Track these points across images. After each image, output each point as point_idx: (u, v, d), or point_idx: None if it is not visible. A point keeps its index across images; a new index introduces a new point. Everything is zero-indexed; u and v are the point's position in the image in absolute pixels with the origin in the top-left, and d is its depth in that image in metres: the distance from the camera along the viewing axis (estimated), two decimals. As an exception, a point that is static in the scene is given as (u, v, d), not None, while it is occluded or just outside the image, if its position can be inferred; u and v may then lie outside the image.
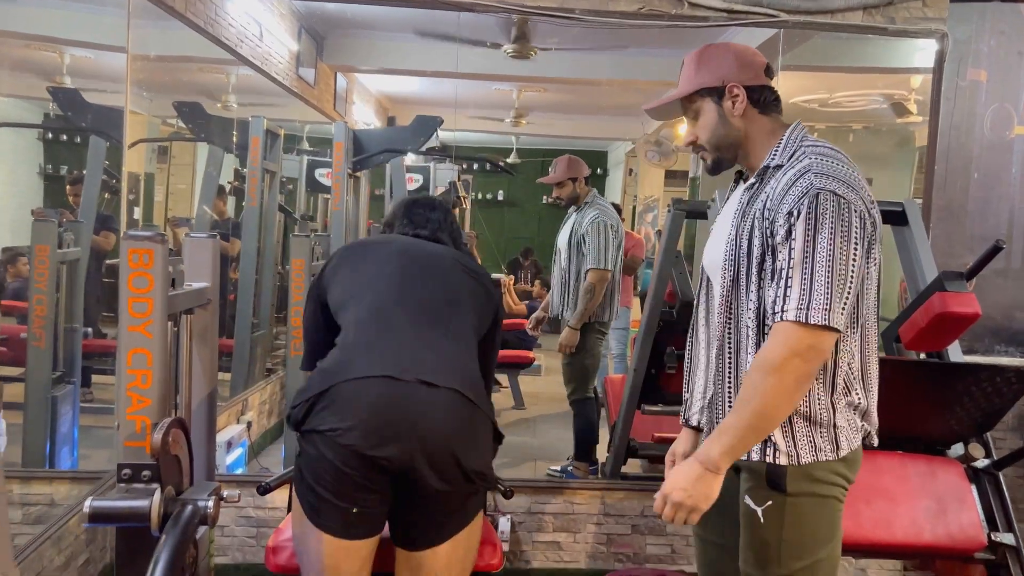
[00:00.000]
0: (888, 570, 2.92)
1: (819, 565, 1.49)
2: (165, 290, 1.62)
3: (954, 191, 2.89)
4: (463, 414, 1.64)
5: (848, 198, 1.41)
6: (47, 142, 3.85)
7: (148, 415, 1.60)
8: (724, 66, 1.55)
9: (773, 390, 1.39)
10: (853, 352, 1.50)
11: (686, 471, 1.44)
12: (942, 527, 1.96)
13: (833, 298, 1.38)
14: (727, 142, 1.56)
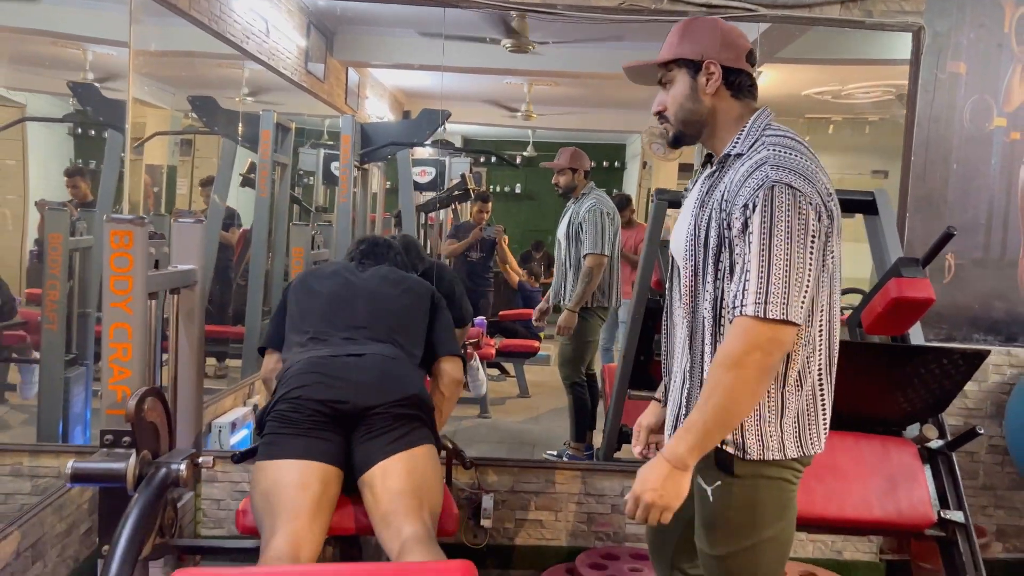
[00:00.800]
0: (864, 552, 2.98)
1: (766, 544, 1.52)
2: (145, 269, 1.74)
3: (933, 181, 2.93)
4: (388, 363, 2.00)
5: (804, 191, 1.40)
6: (76, 137, 4.02)
7: (128, 385, 1.73)
8: (707, 41, 1.53)
9: (735, 384, 1.40)
10: (813, 346, 1.49)
11: (656, 470, 1.44)
12: (892, 504, 2.02)
13: (791, 292, 1.38)
14: (693, 118, 1.55)
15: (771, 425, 1.48)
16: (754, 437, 1.48)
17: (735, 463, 1.49)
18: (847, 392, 2.09)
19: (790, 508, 1.56)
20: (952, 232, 2.11)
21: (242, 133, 4.53)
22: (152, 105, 4.66)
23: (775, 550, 1.55)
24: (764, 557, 1.54)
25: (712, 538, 1.55)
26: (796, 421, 1.50)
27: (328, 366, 1.95)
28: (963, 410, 2.98)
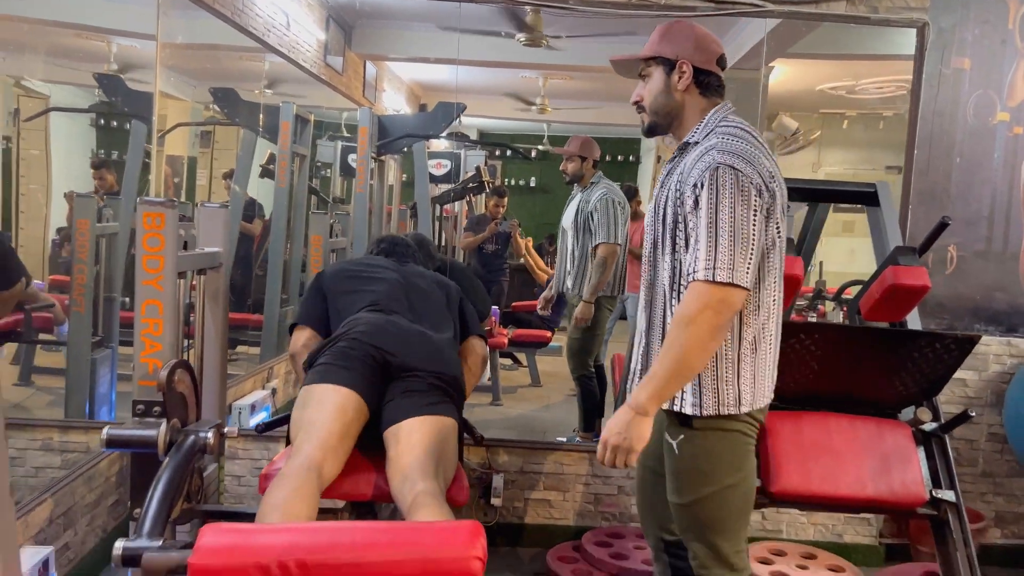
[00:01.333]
0: (864, 536, 3.05)
1: (727, 492, 1.70)
2: (175, 249, 1.85)
3: (937, 175, 3.00)
4: (440, 341, 2.21)
5: (745, 172, 1.58)
6: (99, 128, 4.13)
7: (159, 358, 1.84)
8: (682, 43, 1.72)
9: (689, 340, 1.57)
10: (768, 312, 1.68)
11: (620, 418, 1.62)
12: (885, 483, 2.10)
13: (736, 258, 1.55)
14: (665, 110, 1.74)
15: (728, 384, 1.67)
16: (711, 395, 1.66)
17: (694, 419, 1.68)
18: (844, 375, 2.17)
19: (748, 460, 1.73)
20: (947, 222, 2.18)
21: (262, 124, 4.63)
22: (173, 97, 4.77)
23: (736, 498, 1.72)
24: (725, 504, 1.71)
25: (678, 487, 1.73)
26: (752, 379, 1.68)
27: (390, 324, 2.18)
28: (963, 398, 3.04)
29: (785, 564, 2.78)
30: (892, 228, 2.54)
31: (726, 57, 1.78)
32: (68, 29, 3.85)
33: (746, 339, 1.67)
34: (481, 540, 1.45)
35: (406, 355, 2.11)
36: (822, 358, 2.10)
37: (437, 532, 1.48)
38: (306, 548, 1.42)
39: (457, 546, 1.42)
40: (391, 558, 1.42)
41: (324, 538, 1.46)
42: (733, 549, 1.74)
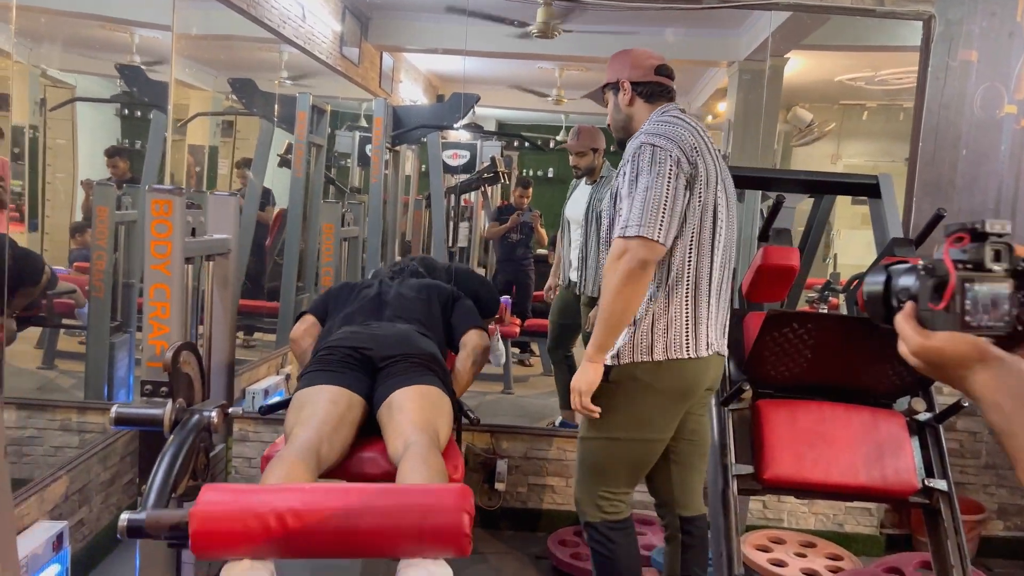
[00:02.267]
0: (865, 525, 3.08)
1: (617, 443, 1.96)
2: (183, 235, 1.91)
3: (943, 167, 3.00)
4: (407, 331, 2.32)
5: (663, 147, 1.83)
6: (123, 118, 4.22)
7: (167, 340, 1.90)
8: (621, 66, 2.03)
9: (609, 288, 1.82)
10: (679, 273, 1.90)
11: (579, 369, 1.91)
12: (877, 471, 2.12)
13: (646, 217, 1.78)
14: (620, 124, 2.05)
15: (642, 331, 1.90)
16: (627, 345, 1.90)
17: (610, 371, 1.91)
18: (838, 364, 2.20)
19: (648, 427, 1.96)
20: (942, 214, 2.19)
21: (277, 114, 4.70)
22: (195, 87, 4.86)
23: (624, 451, 1.97)
24: (614, 451, 1.97)
25: (582, 422, 2.03)
26: (664, 332, 1.90)
27: (358, 330, 2.32)
28: (967, 391, 3.05)
29: (784, 552, 2.81)
30: (893, 220, 2.55)
31: (666, 66, 2.05)
32: (93, 20, 3.93)
33: (659, 296, 1.89)
34: (470, 499, 1.57)
35: (380, 347, 2.21)
36: (815, 347, 2.12)
37: (428, 491, 1.58)
38: (302, 504, 1.52)
39: (447, 504, 1.53)
40: (385, 515, 1.53)
41: (320, 496, 1.56)
42: (605, 493, 2.00)
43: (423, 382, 2.13)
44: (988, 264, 0.80)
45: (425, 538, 1.52)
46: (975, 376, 0.79)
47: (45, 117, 4.08)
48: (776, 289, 2.33)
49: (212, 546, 1.49)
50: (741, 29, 4.91)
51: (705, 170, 1.88)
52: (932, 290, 0.82)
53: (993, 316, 0.80)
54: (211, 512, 1.49)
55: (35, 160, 3.94)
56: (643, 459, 2.01)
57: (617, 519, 2.03)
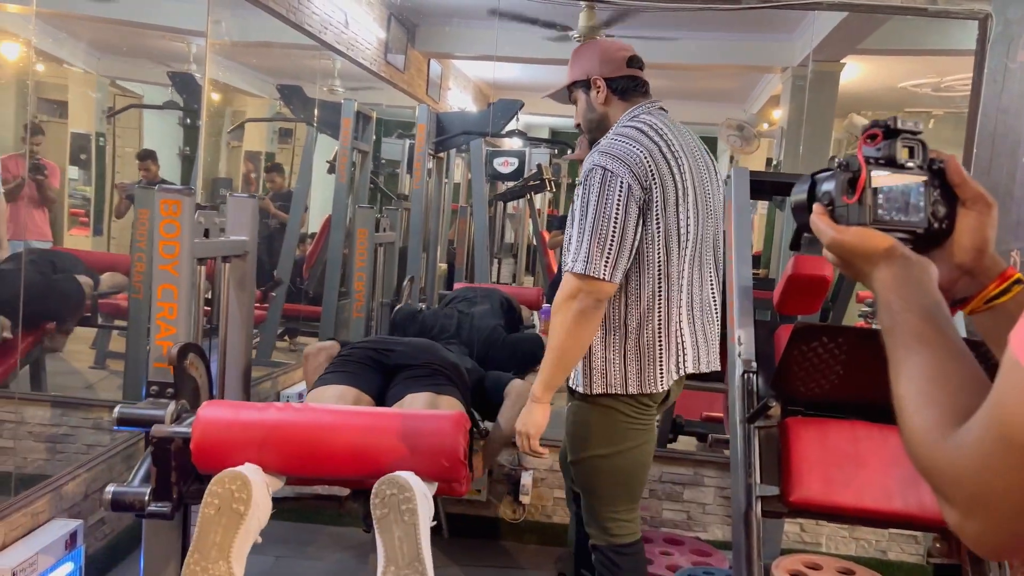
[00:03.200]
0: (910, 554, 2.91)
1: (599, 460, 1.88)
2: (191, 236, 1.90)
3: (1000, 175, 2.82)
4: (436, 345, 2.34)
5: (615, 171, 1.72)
6: (185, 127, 4.31)
7: (173, 341, 1.89)
8: (589, 62, 1.90)
9: (559, 328, 1.76)
10: (651, 301, 1.81)
11: (524, 410, 1.87)
12: (915, 496, 1.98)
13: (593, 253, 1.71)
14: (594, 124, 1.92)
15: (615, 368, 1.83)
16: (600, 377, 1.84)
17: (574, 395, 1.89)
18: (873, 381, 2.06)
19: (626, 437, 1.88)
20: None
21: (317, 120, 4.73)
22: (252, 94, 4.94)
23: (606, 468, 1.90)
24: (596, 471, 1.91)
25: (567, 448, 2.00)
26: (638, 363, 1.83)
27: (381, 337, 2.39)
28: None
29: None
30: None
31: (637, 56, 1.94)
32: (155, 31, 4.03)
33: (630, 327, 1.82)
34: (466, 426, 1.71)
35: (402, 354, 2.21)
36: (847, 363, 2.00)
37: (425, 416, 1.73)
38: (299, 419, 1.67)
39: (443, 428, 1.65)
40: (380, 434, 1.65)
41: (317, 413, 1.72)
42: (607, 513, 1.92)
43: (442, 392, 2.09)
44: (900, 160, 0.81)
45: (419, 459, 1.61)
46: (877, 273, 0.78)
47: (114, 126, 4.20)
48: (808, 301, 2.21)
49: (212, 455, 1.61)
50: (795, 34, 4.77)
51: (662, 192, 1.77)
52: (846, 184, 0.82)
53: (905, 212, 0.80)
54: (212, 422, 1.63)
55: (102, 167, 4.06)
56: (632, 471, 1.94)
57: (623, 542, 1.95)
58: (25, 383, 3.07)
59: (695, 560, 2.73)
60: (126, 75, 4.31)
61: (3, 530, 2.02)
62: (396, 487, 1.54)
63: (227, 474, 1.56)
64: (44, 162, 3.40)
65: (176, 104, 4.24)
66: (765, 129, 5.59)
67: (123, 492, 1.72)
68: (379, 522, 1.56)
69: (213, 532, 1.53)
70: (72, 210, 3.83)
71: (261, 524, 1.62)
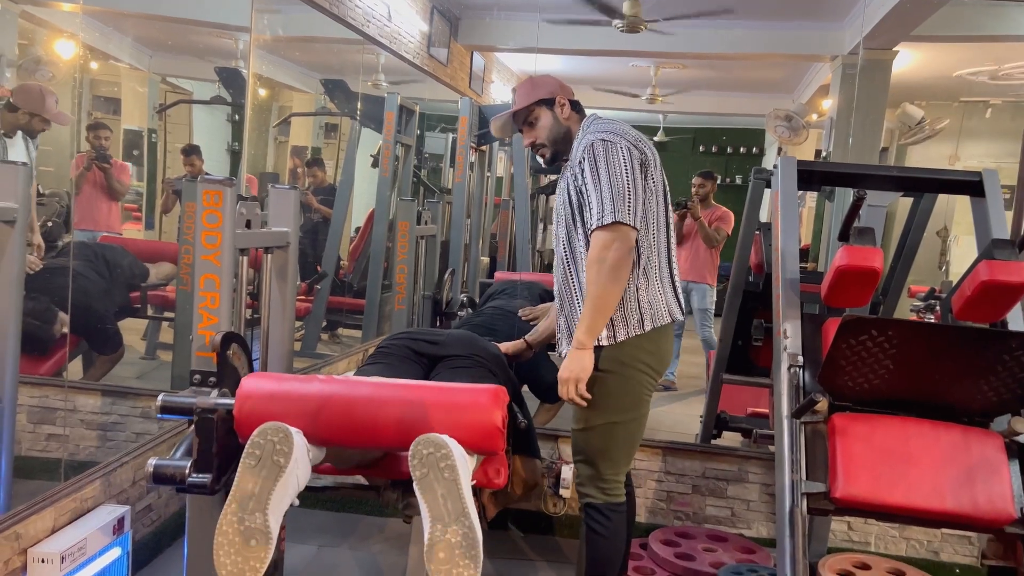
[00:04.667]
0: (963, 555, 2.82)
1: (615, 426, 2.07)
2: (233, 226, 1.92)
3: (1061, 164, 2.72)
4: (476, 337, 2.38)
5: (612, 140, 1.98)
6: (233, 123, 4.37)
7: (215, 330, 1.91)
8: (551, 86, 2.17)
9: (598, 276, 1.95)
10: (651, 247, 2.06)
11: (567, 357, 2.03)
12: (967, 496, 1.92)
13: (617, 203, 1.93)
14: (560, 136, 2.15)
15: (632, 309, 2.04)
16: (622, 324, 2.04)
17: (601, 358, 2.03)
18: (925, 377, 2.00)
19: (641, 405, 2.10)
20: (1051, 212, 1.97)
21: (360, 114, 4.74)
22: (298, 89, 4.99)
23: (623, 432, 2.09)
24: (611, 436, 2.08)
25: (577, 415, 2.12)
26: (650, 302, 2.07)
27: (420, 330, 2.43)
28: (1086, 412, 2.75)
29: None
30: (997, 221, 2.32)
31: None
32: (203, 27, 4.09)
33: (639, 267, 2.05)
34: (504, 399, 1.77)
35: (446, 345, 2.23)
36: (897, 357, 1.93)
37: (463, 389, 1.79)
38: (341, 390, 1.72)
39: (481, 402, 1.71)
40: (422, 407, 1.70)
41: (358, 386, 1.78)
42: (610, 475, 2.12)
43: (484, 382, 2.08)
44: None
45: (458, 428, 1.65)
46: None
47: (165, 122, 4.27)
48: (856, 293, 2.15)
49: (255, 425, 1.62)
50: (845, 21, 4.65)
51: (652, 155, 2.06)
52: None
53: None
54: (255, 392, 1.70)
55: (154, 163, 4.13)
56: (638, 436, 2.15)
57: (617, 501, 2.15)
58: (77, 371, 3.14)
59: (739, 557, 2.68)
60: (176, 72, 4.38)
61: (53, 515, 2.06)
62: (432, 446, 1.57)
63: (270, 426, 1.59)
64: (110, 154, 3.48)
65: (223, 99, 4.29)
66: (814, 120, 5.46)
67: (164, 465, 1.76)
68: (420, 483, 1.57)
69: (252, 482, 1.55)
70: (126, 205, 3.91)
71: (300, 484, 1.64)
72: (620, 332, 2.04)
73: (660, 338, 2.09)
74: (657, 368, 2.11)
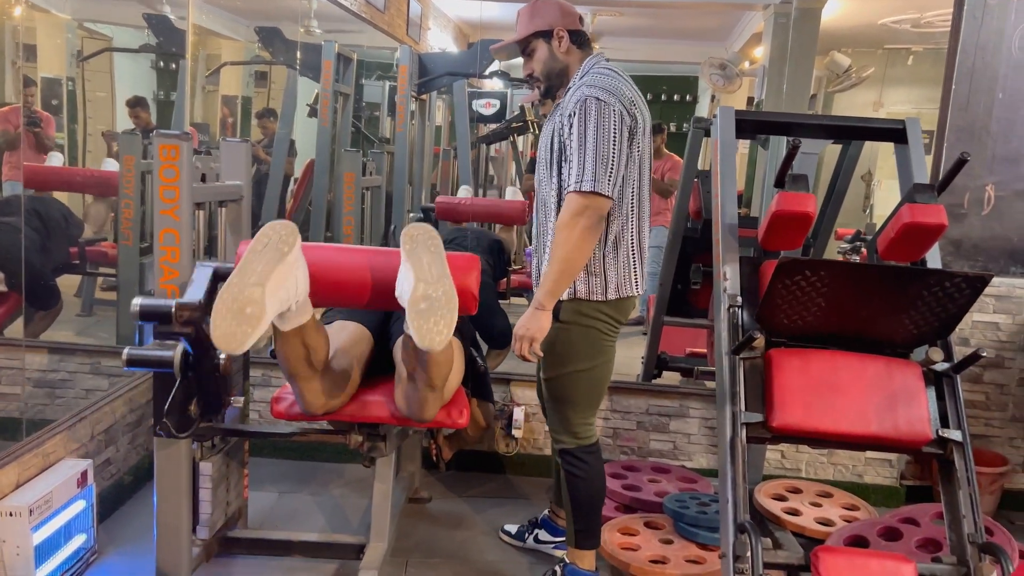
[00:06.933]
0: (884, 477, 3.05)
1: (580, 373, 2.14)
2: (190, 181, 1.93)
3: (977, 111, 2.89)
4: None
5: (607, 101, 1.94)
6: (158, 70, 4.24)
7: (176, 284, 1.94)
8: (551, 15, 2.07)
9: (566, 241, 1.96)
10: (626, 217, 2.07)
11: (526, 315, 2.05)
12: (890, 420, 2.08)
13: (598, 172, 1.92)
14: (555, 71, 2.10)
15: (596, 276, 2.08)
16: (584, 285, 2.08)
17: (562, 309, 2.08)
18: (852, 313, 2.16)
19: (602, 353, 2.16)
20: (966, 158, 2.11)
21: (300, 63, 4.67)
22: (227, 37, 4.86)
23: (584, 380, 2.16)
24: (576, 383, 2.15)
25: (544, 366, 2.20)
26: (616, 272, 2.09)
27: None
28: (996, 342, 2.98)
29: (799, 501, 2.81)
30: (919, 166, 2.47)
31: (583, 17, 2.17)
32: None
33: (610, 240, 2.06)
34: (478, 265, 1.93)
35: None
36: (828, 296, 2.08)
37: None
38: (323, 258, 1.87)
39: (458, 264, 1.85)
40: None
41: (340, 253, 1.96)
42: (579, 420, 2.19)
43: None
44: None
45: None
46: None
47: (83, 70, 4.13)
48: (791, 236, 2.28)
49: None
50: (773, -30, 4.75)
51: (642, 120, 2.04)
52: None
53: None
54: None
55: (74, 113, 4.00)
56: (603, 382, 2.22)
57: (590, 443, 2.22)
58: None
59: (681, 486, 2.85)
60: (95, 16, 4.22)
61: (17, 470, 2.08)
62: (423, 231, 1.78)
63: (279, 222, 1.71)
64: (39, 113, 3.37)
65: (152, 47, 4.18)
66: (747, 68, 5.59)
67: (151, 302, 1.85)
68: (408, 254, 1.76)
69: (256, 262, 1.65)
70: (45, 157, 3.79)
71: (298, 287, 1.74)
72: (580, 291, 2.08)
73: (625, 305, 2.15)
74: (617, 318, 2.15)
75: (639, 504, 2.72)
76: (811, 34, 4.79)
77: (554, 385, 2.19)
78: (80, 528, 2.25)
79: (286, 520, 2.69)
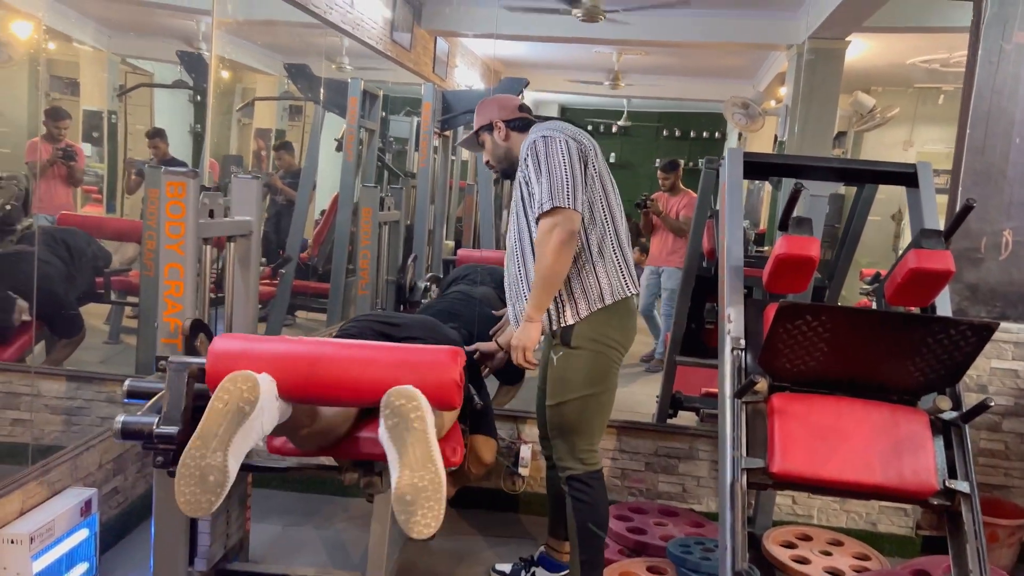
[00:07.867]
0: (899, 526, 2.98)
1: (588, 399, 2.26)
2: (196, 217, 1.97)
3: (993, 156, 2.85)
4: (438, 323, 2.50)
5: (553, 136, 2.17)
6: (196, 104, 4.36)
7: (180, 318, 1.97)
8: (490, 112, 2.40)
9: (543, 257, 2.14)
10: (602, 228, 2.25)
11: (519, 330, 2.24)
12: (895, 470, 2.04)
13: (555, 190, 2.12)
14: (502, 156, 2.41)
15: (591, 284, 2.23)
16: (583, 299, 2.23)
17: (573, 335, 2.23)
18: (856, 359, 2.12)
19: (610, 378, 2.29)
20: (971, 204, 2.08)
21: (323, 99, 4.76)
22: (261, 72, 4.98)
23: (595, 404, 2.28)
24: (583, 410, 2.26)
25: (553, 392, 2.30)
26: (607, 276, 2.25)
27: (383, 312, 2.34)
28: (1014, 390, 2.91)
29: (808, 549, 2.75)
30: (929, 210, 2.45)
31: (524, 104, 2.47)
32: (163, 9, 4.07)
33: (593, 249, 2.23)
34: (462, 359, 1.87)
35: (407, 328, 2.33)
36: (831, 341, 2.05)
37: (423, 350, 1.88)
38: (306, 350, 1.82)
39: (441, 360, 1.82)
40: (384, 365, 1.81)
41: (323, 346, 1.87)
42: (585, 446, 2.29)
43: None
44: None
45: (419, 388, 1.74)
46: None
47: (125, 104, 4.26)
48: (795, 280, 2.26)
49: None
50: (799, 12, 4.77)
51: (590, 143, 2.24)
52: None
53: None
54: (226, 350, 1.78)
55: (115, 145, 4.12)
56: (608, 408, 2.33)
57: (595, 469, 2.31)
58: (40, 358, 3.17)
59: (688, 531, 2.81)
60: (136, 53, 4.36)
61: (21, 498, 2.12)
62: (404, 397, 1.71)
63: (240, 374, 1.67)
64: (74, 147, 3.48)
65: (185, 84, 4.29)
66: (772, 106, 5.59)
67: (133, 421, 1.82)
68: (391, 431, 1.69)
69: (217, 424, 1.64)
70: (85, 187, 3.91)
71: (264, 430, 1.73)
72: (582, 307, 2.23)
73: (623, 312, 2.27)
74: (623, 343, 2.29)
75: (644, 548, 2.68)
76: (834, 74, 4.79)
77: (561, 411, 2.28)
78: (82, 557, 2.27)
79: (288, 553, 2.69)
